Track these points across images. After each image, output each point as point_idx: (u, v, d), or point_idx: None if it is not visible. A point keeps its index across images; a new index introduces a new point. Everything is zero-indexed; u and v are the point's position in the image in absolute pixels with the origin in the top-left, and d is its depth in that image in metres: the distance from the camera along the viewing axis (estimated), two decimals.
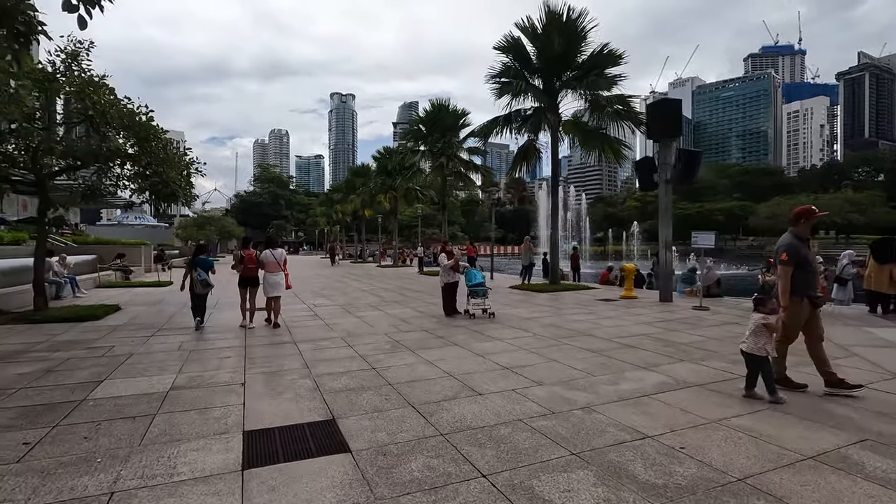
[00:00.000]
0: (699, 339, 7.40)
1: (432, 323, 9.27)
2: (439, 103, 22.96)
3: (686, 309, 10.41)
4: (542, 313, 10.25)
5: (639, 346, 6.94)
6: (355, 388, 5.03)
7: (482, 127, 15.78)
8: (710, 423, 3.97)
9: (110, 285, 17.28)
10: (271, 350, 7.02)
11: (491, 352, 6.68)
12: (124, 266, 20.47)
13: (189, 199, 10.99)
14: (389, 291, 15.73)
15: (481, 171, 24.13)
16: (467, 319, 9.49)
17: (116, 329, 8.80)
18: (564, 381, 5.23)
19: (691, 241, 10.34)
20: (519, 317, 9.78)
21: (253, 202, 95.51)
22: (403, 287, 17.27)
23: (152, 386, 5.16)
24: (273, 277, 8.96)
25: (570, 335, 7.78)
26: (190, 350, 7.03)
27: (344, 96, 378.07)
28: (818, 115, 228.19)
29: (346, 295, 14.82)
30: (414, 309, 11.36)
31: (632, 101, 14.75)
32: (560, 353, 6.51)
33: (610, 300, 12.14)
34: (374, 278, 21.92)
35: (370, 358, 6.41)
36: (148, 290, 16.29)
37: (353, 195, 38.01)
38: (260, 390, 5.00)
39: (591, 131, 15.84)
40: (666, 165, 11.30)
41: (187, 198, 10.59)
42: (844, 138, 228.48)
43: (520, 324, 8.94)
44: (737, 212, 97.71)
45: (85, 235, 32.77)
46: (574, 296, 13.38)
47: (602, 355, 6.39)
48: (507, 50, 15.03)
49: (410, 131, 23.94)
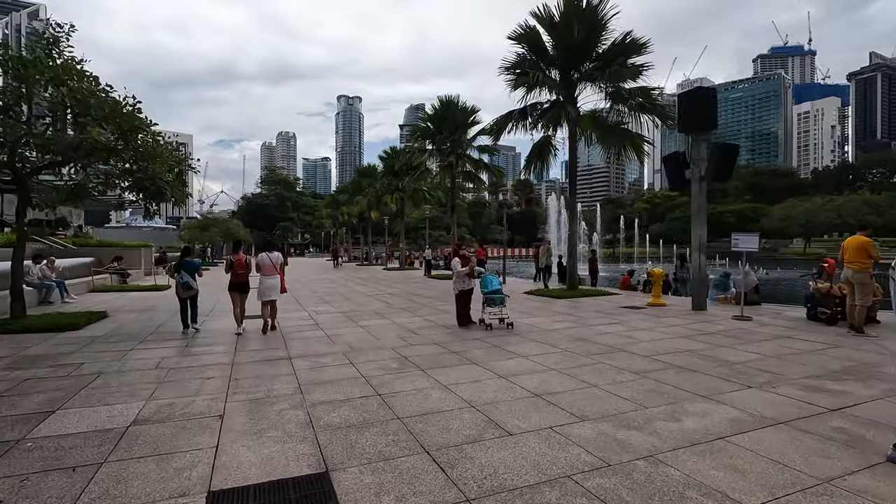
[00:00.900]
0: (755, 356, 6.40)
1: (444, 335, 8.33)
2: (448, 100, 22.03)
3: (725, 319, 9.40)
4: (565, 323, 9.28)
5: (687, 366, 5.96)
6: (356, 424, 4.10)
7: (495, 122, 14.83)
8: (820, 484, 3.01)
9: (105, 289, 16.51)
10: (262, 368, 6.11)
11: (515, 372, 5.74)
12: (121, 269, 19.73)
13: (180, 198, 10.13)
14: (396, 297, 14.81)
15: (492, 170, 23.15)
16: (483, 331, 8.55)
17: (94, 341, 7.94)
18: (612, 414, 4.28)
19: (732, 244, 9.34)
20: (540, 328, 8.82)
21: (259, 204, 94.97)
22: (411, 292, 16.35)
23: (112, 419, 4.27)
24: (269, 281, 8.71)
25: (604, 351, 6.81)
26: (169, 368, 6.14)
27: (350, 99, 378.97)
28: (829, 116, 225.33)
29: (351, 301, 13.92)
30: (423, 318, 10.44)
31: (655, 93, 13.75)
32: (598, 376, 5.55)
33: (637, 308, 11.14)
34: (381, 282, 21.03)
35: (375, 380, 5.49)
36: (143, 295, 15.49)
37: (360, 196, 37.18)
38: (240, 426, 4.09)
39: (611, 127, 14.87)
40: (700, 161, 10.30)
41: (178, 197, 9.72)
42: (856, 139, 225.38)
43: (543, 336, 7.98)
44: (749, 214, 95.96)
45: (86, 237, 32.21)
46: (595, 302, 12.39)
47: (648, 378, 5.42)
48: (522, 40, 14.10)
49: (418, 129, 23.03)
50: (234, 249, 9.40)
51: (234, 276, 8.64)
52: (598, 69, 13.26)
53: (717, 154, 9.94)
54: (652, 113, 13.47)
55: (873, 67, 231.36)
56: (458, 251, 9.10)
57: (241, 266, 8.69)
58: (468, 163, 23.01)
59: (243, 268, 8.70)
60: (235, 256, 8.89)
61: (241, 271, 8.66)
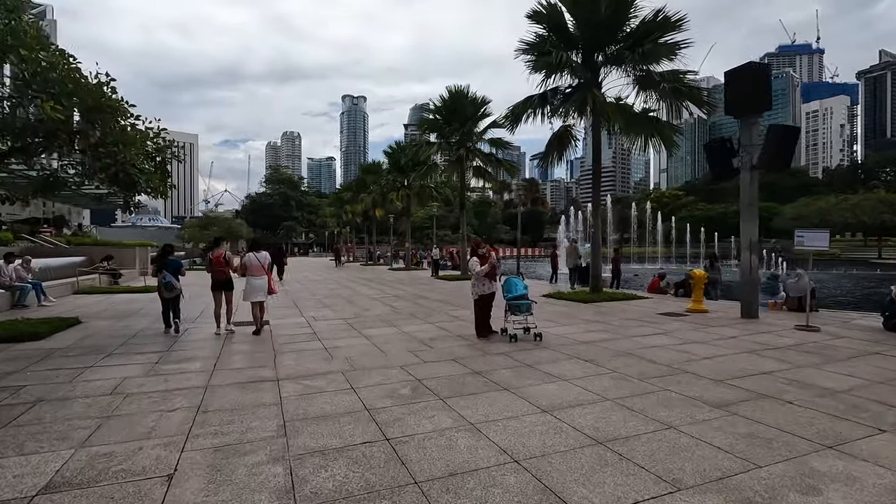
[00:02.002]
0: (857, 382, 5.13)
1: (463, 347, 7.10)
2: (458, 91, 20.72)
3: (787, 329, 8.12)
4: (601, 333, 8.02)
5: (777, 395, 4.70)
6: (356, 494, 2.88)
7: (512, 109, 13.52)
8: None
9: (91, 291, 15.38)
10: (241, 394, 4.91)
11: (560, 403, 4.50)
12: (112, 269, 18.62)
13: (159, 190, 8.95)
14: (403, 300, 13.59)
15: (504, 165, 21.83)
16: (507, 343, 7.31)
17: (52, 355, 6.76)
18: (715, 478, 3.03)
19: (795, 242, 8.05)
20: (573, 339, 7.57)
21: (263, 203, 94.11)
22: (419, 295, 15.13)
23: (16, 482, 3.07)
24: (256, 281, 8.38)
25: (662, 373, 5.56)
26: (127, 394, 4.94)
27: (355, 98, 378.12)
28: (838, 114, 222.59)
29: (354, 304, 12.71)
30: (435, 325, 9.21)
31: (689, 77, 12.43)
32: (668, 409, 4.31)
33: (677, 315, 9.87)
34: (386, 283, 19.82)
35: (382, 414, 4.27)
36: (131, 297, 14.35)
37: (364, 194, 35.95)
38: (192, 497, 2.88)
39: (638, 115, 13.59)
40: (751, 147, 9.02)
41: (156, 188, 8.54)
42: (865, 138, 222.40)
43: (580, 351, 6.73)
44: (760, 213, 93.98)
45: (82, 236, 31.23)
46: (626, 308, 11.12)
47: (735, 414, 4.17)
48: (541, 19, 12.83)
49: (426, 122, 21.71)
50: (214, 245, 8.90)
51: (215, 274, 8.38)
52: (628, 48, 11.95)
53: (776, 137, 8.64)
54: (686, 98, 12.16)
55: (883, 66, 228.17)
56: (477, 250, 7.85)
57: (220, 262, 8.38)
58: (478, 158, 21.72)
59: (222, 264, 8.38)
60: (213, 253, 8.55)
61: (219, 268, 8.36)
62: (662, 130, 13.49)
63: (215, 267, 8.42)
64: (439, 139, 21.71)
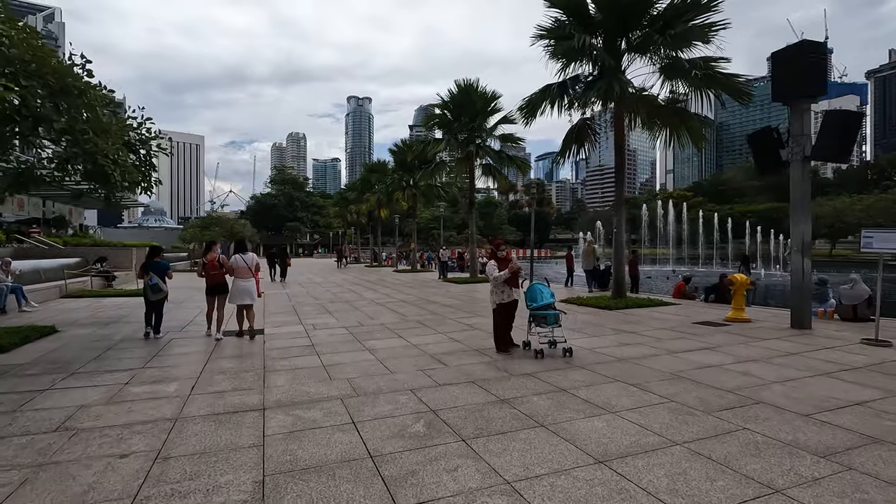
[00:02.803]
0: None
1: (482, 365, 6.13)
2: (467, 84, 19.71)
3: (852, 344, 7.09)
4: (637, 348, 7.04)
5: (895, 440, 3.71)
6: None
7: (529, 100, 12.46)
8: None
9: (80, 295, 14.55)
10: (216, 431, 3.97)
11: (616, 450, 3.53)
12: (105, 271, 17.81)
13: (138, 183, 8.06)
14: (411, 306, 12.64)
15: (515, 163, 20.79)
16: (532, 359, 6.34)
17: (7, 373, 5.86)
18: None
19: (861, 243, 7.03)
20: (608, 355, 6.59)
21: (268, 204, 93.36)
22: (427, 299, 14.18)
23: None
24: (242, 284, 8.15)
25: (730, 403, 4.56)
26: (76, 430, 4.02)
27: (360, 100, 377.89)
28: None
29: (357, 310, 11.77)
30: (448, 336, 8.25)
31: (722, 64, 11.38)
32: (761, 461, 3.32)
33: (715, 325, 8.86)
34: (391, 286, 18.88)
35: (389, 466, 3.31)
36: (121, 302, 13.49)
37: (369, 193, 35.03)
38: None
39: (663, 107, 12.59)
40: (803, 137, 8.01)
41: (136, 182, 7.64)
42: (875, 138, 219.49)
43: (620, 371, 5.75)
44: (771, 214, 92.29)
45: (79, 237, 30.50)
46: (655, 315, 10.12)
47: (856, 471, 3.18)
48: (560, 2, 11.85)
49: (433, 117, 20.67)
50: (208, 248, 8.70)
51: (210, 278, 8.26)
52: (657, 31, 10.91)
53: (837, 123, 7.62)
54: (721, 87, 11.12)
55: (893, 65, 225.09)
56: (496, 252, 6.88)
57: (214, 266, 8.24)
58: (488, 155, 20.72)
59: (216, 268, 8.25)
60: (207, 257, 8.36)
61: (214, 272, 8.24)
62: (691, 123, 12.48)
63: (210, 271, 8.26)
64: (447, 135, 20.70)
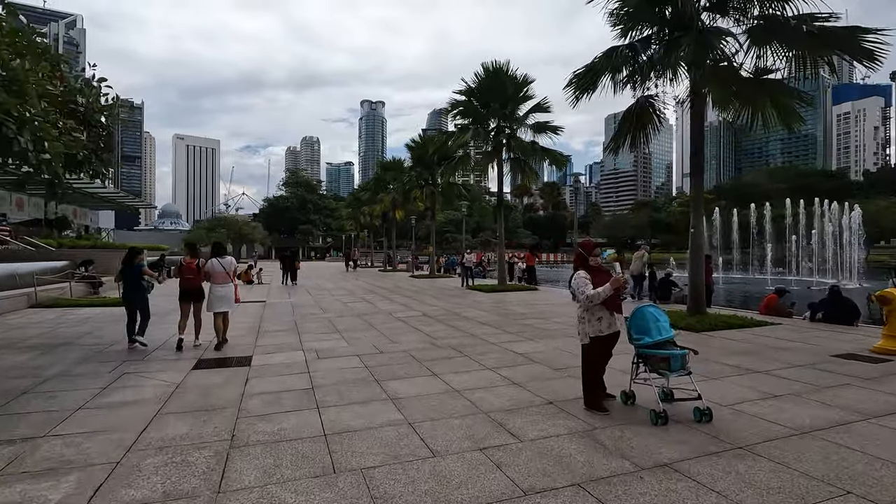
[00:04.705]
0: None
1: (575, 440, 3.82)
2: (496, 67, 17.28)
3: None
4: (798, 404, 4.65)
5: None
6: None
7: (588, 69, 9.86)
8: None
9: (52, 304, 12.54)
10: None
11: None
12: (90, 276, 15.87)
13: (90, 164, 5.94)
14: (437, 322, 10.39)
15: (551, 156, 18.30)
16: (649, 425, 4.04)
17: None
18: None
19: None
20: (768, 420, 4.22)
21: (281, 206, 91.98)
22: (454, 312, 11.91)
23: None
24: (220, 290, 7.65)
25: None
26: None
27: (374, 104, 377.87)
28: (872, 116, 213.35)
29: (373, 328, 9.55)
30: (498, 373, 5.97)
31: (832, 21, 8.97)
32: None
33: (867, 358, 6.43)
34: (410, 295, 16.64)
35: None
36: (94, 313, 11.45)
37: (383, 193, 32.90)
38: None
39: (748, 80, 10.20)
40: None
41: (57, 156, 5.48)
42: None
43: (827, 464, 3.38)
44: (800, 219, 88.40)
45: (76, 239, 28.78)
46: (763, 342, 7.71)
47: None
48: None
49: (458, 104, 18.22)
50: (190, 253, 8.04)
51: (184, 282, 7.72)
52: None
53: None
54: (837, 48, 8.70)
55: None
56: (587, 258, 4.54)
57: (191, 271, 7.69)
58: (518, 148, 18.34)
59: (193, 272, 7.68)
60: (187, 260, 7.80)
61: (189, 276, 7.68)
62: (782, 99, 10.08)
63: (185, 274, 7.68)
64: (474, 125, 18.36)
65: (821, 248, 34.89)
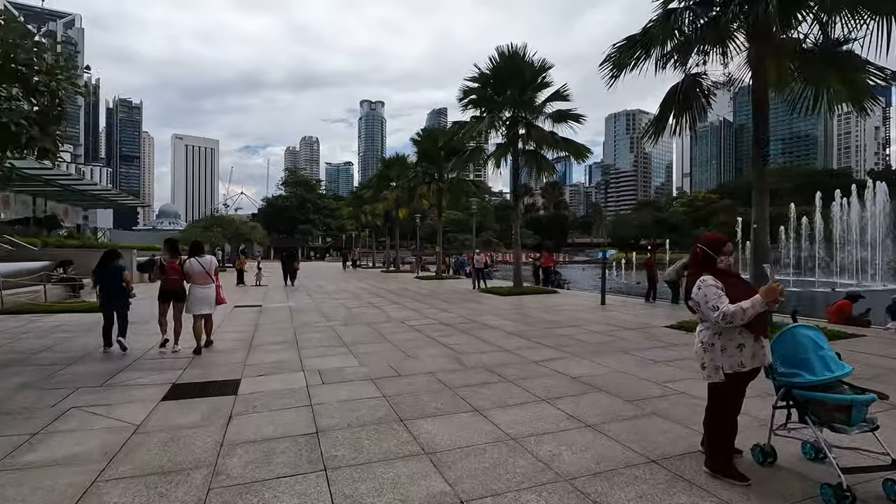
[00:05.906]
0: None
1: None
2: (512, 52, 15.85)
3: None
4: None
5: None
6: None
7: (646, 32, 8.41)
8: None
9: (21, 310, 11.16)
10: None
11: None
12: (69, 278, 14.49)
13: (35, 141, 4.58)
14: (459, 332, 9.01)
15: (573, 148, 16.84)
16: None
17: None
18: None
19: None
20: None
21: (280, 206, 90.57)
22: (474, 320, 10.54)
23: None
24: (200, 291, 7.13)
25: None
26: None
27: (373, 104, 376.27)
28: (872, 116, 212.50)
29: (386, 340, 8.16)
30: (556, 406, 4.60)
31: None
32: None
33: None
34: (420, 299, 15.27)
35: None
36: (68, 319, 10.10)
37: (387, 191, 31.50)
38: None
39: (813, 55, 8.87)
40: None
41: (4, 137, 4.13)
42: None
43: None
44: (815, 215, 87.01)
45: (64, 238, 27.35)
46: (866, 359, 6.35)
47: None
48: None
49: (470, 93, 16.77)
50: (171, 253, 7.47)
51: (165, 283, 7.31)
52: None
53: None
54: None
55: None
56: (715, 259, 3.14)
57: (175, 271, 7.25)
58: (536, 139, 16.96)
59: (176, 272, 7.25)
60: (167, 259, 7.37)
61: (173, 276, 7.26)
62: (853, 75, 8.77)
63: (168, 275, 7.26)
64: (488, 114, 16.95)
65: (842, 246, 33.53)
